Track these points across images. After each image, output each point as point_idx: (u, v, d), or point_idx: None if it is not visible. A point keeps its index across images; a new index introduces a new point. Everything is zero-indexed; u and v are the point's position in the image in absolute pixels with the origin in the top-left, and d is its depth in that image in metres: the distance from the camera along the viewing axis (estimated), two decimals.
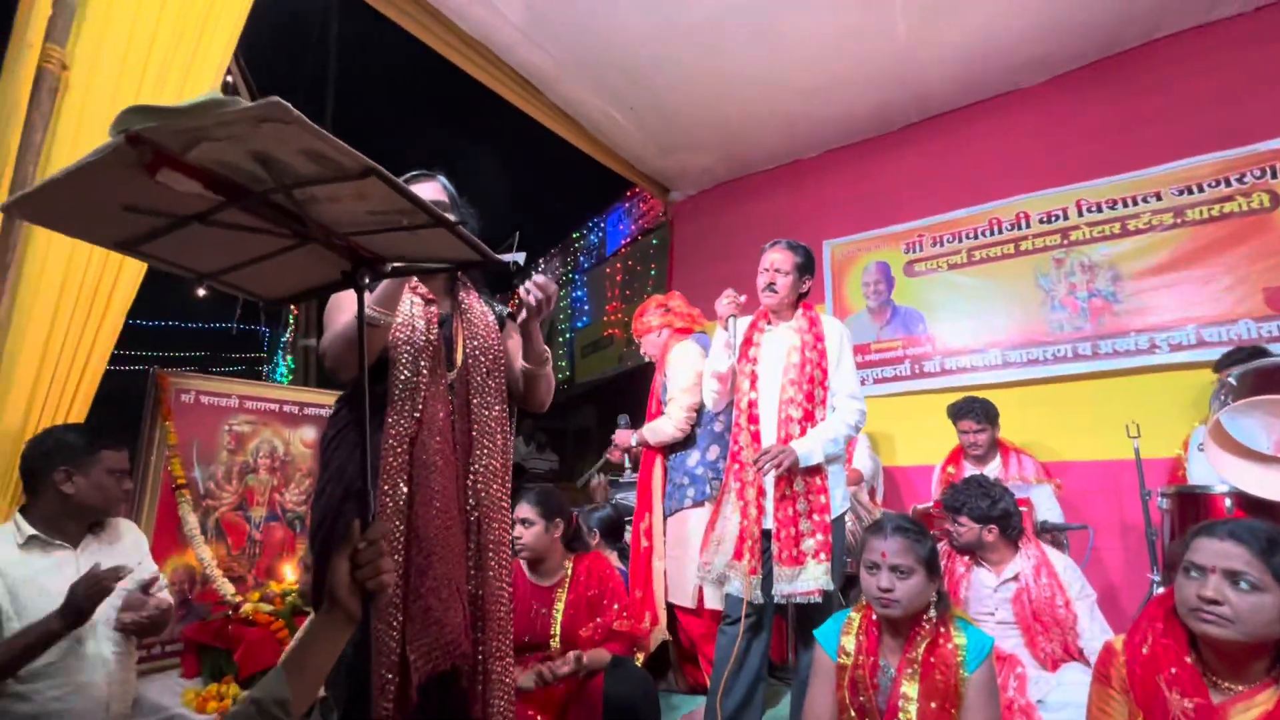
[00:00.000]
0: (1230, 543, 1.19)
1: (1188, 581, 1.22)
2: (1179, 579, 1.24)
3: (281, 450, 3.10)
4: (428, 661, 1.35)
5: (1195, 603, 1.19)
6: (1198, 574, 1.20)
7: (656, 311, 3.07)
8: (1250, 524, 1.22)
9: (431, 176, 1.61)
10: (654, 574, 2.78)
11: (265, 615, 2.43)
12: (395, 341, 1.44)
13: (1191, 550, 1.23)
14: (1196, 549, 1.23)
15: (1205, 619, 1.17)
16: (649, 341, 3.07)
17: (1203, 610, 1.17)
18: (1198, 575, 1.20)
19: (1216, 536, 1.21)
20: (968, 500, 2.22)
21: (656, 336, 3.04)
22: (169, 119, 0.70)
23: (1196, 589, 1.19)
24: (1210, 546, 1.21)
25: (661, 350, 3.01)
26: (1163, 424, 2.93)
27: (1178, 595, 1.23)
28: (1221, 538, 1.20)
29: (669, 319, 3.05)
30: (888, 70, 3.62)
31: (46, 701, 1.56)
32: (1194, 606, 1.19)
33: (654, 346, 3.06)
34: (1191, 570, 1.22)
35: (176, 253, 1.00)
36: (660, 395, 2.95)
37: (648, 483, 2.91)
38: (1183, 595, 1.22)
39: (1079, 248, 3.46)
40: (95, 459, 1.72)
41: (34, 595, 1.60)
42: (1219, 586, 1.16)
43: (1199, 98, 3.25)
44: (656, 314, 3.06)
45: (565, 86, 3.79)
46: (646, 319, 3.07)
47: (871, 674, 1.57)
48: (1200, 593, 1.18)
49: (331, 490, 1.40)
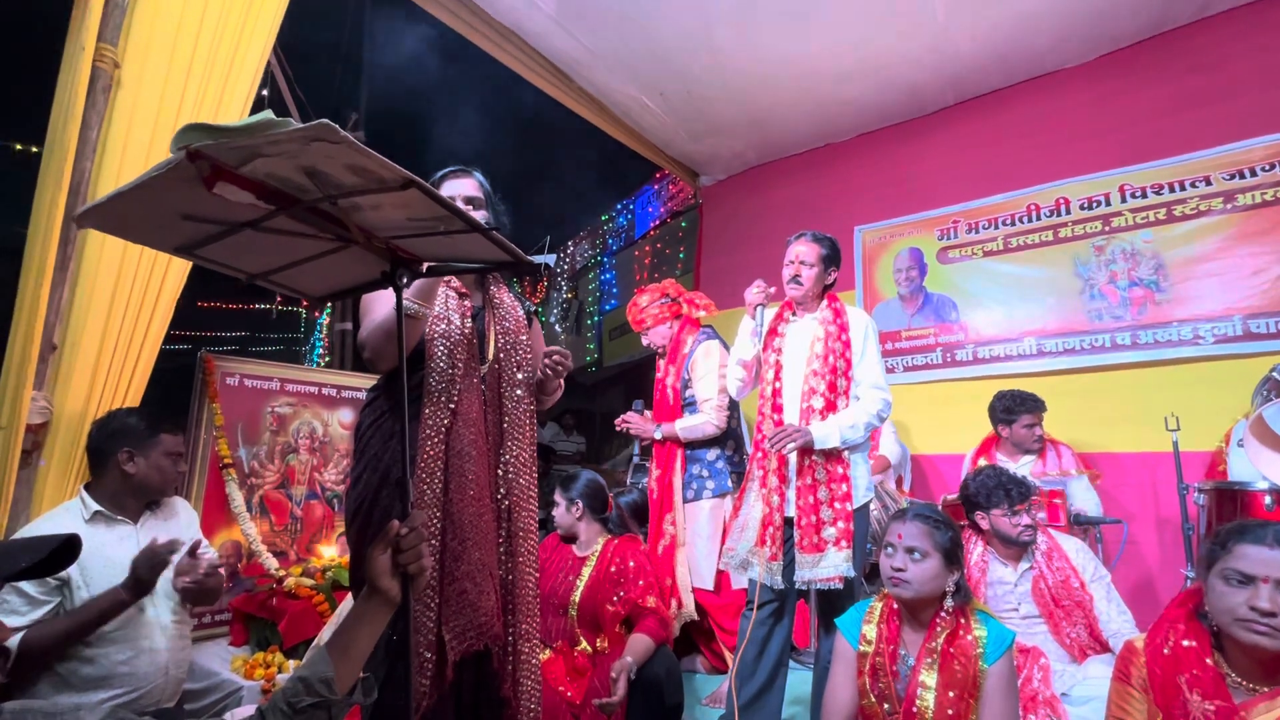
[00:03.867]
0: (1278, 550, 1.15)
1: (1232, 590, 1.17)
2: (1219, 585, 1.20)
3: (320, 431, 3.23)
4: (462, 642, 1.42)
5: (1247, 614, 1.14)
6: (1244, 583, 1.16)
7: (662, 302, 3.06)
8: None
9: (468, 173, 1.65)
10: (677, 562, 2.85)
11: (307, 589, 2.56)
12: (431, 335, 1.49)
13: (1235, 557, 1.18)
14: (1242, 556, 1.17)
15: (1259, 630, 1.12)
16: (659, 333, 3.07)
17: (1256, 623, 1.12)
18: (1244, 584, 1.16)
19: (1265, 544, 1.16)
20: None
21: (669, 328, 3.05)
22: (227, 137, 0.75)
23: (1247, 599, 1.14)
24: (1259, 555, 1.16)
25: (674, 342, 3.02)
26: (1204, 417, 2.86)
27: (1220, 603, 1.19)
28: (1271, 545, 1.16)
29: (678, 308, 3.06)
30: (923, 51, 3.53)
31: (113, 665, 1.68)
32: (1243, 617, 1.14)
33: (663, 337, 3.06)
34: (1235, 579, 1.17)
35: (227, 255, 1.06)
36: (676, 387, 2.97)
37: (669, 475, 2.94)
38: (1228, 604, 1.17)
39: (1121, 234, 3.36)
40: (155, 442, 1.83)
41: (100, 566, 1.72)
42: (1274, 597, 1.12)
43: (1252, 78, 3.10)
44: (663, 305, 3.05)
45: (596, 73, 3.79)
46: (653, 310, 3.07)
47: (891, 662, 1.60)
48: (1255, 604, 1.13)
49: (368, 478, 1.46)
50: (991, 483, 2.22)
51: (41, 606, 1.63)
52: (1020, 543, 2.18)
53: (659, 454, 3.01)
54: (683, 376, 2.95)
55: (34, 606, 1.62)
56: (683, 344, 2.99)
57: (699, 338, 2.97)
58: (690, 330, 3.02)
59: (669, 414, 2.99)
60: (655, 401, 3.10)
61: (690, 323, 3.05)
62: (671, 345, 3.03)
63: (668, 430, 2.92)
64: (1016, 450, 3.03)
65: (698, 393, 2.89)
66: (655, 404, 3.10)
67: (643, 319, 3.10)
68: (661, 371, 3.08)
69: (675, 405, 2.98)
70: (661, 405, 3.05)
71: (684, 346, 2.98)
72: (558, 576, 2.42)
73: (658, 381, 3.09)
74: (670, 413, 2.99)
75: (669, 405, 3.01)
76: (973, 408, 3.22)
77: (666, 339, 3.06)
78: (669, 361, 3.03)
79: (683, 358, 2.97)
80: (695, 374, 2.90)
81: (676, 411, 2.97)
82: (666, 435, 2.93)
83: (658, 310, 3.06)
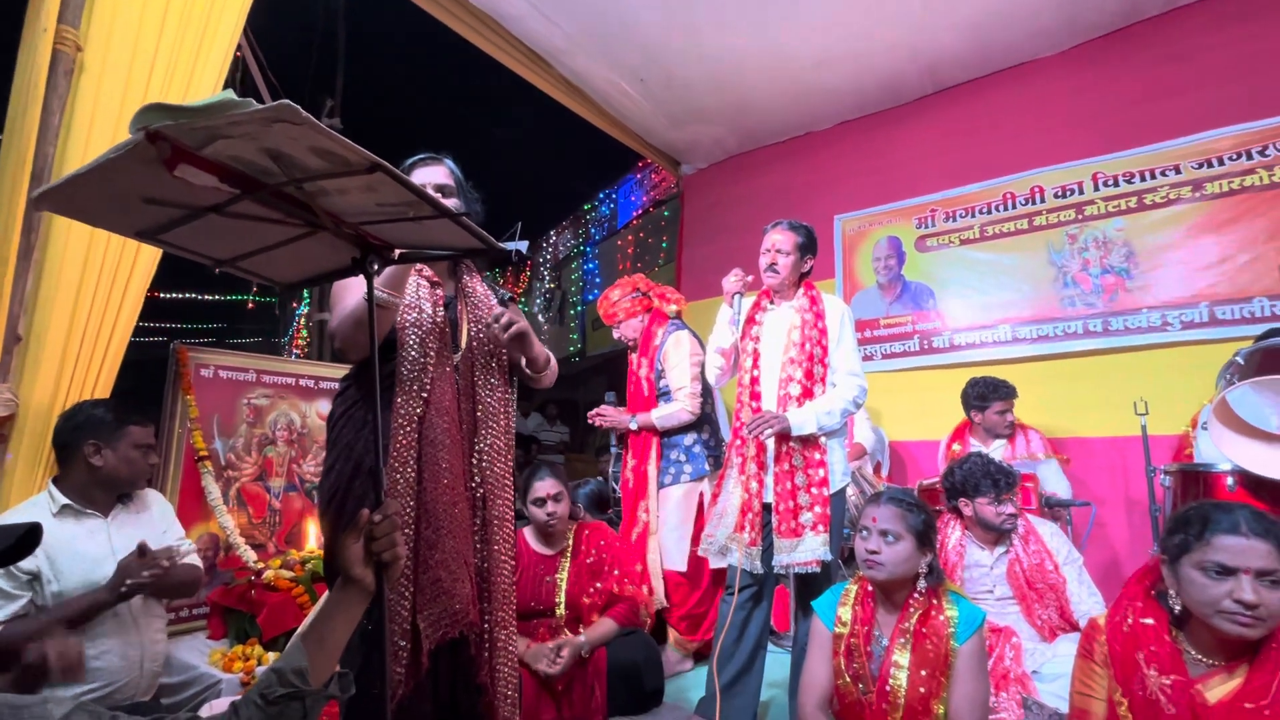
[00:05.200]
0: (1255, 539, 1.14)
1: (1213, 583, 1.15)
2: (1198, 577, 1.18)
3: (299, 423, 3.19)
4: (437, 629, 1.42)
5: (1231, 607, 1.13)
6: (1223, 574, 1.15)
7: (633, 296, 3.11)
8: (1259, 514, 1.18)
9: (439, 160, 1.63)
10: (649, 549, 2.91)
11: (286, 581, 2.54)
12: (403, 323, 1.48)
13: (1213, 550, 1.16)
14: (1220, 549, 1.16)
15: (1243, 623, 1.12)
16: (630, 326, 3.13)
17: (1240, 615, 1.12)
18: (1224, 576, 1.14)
19: (1241, 534, 1.15)
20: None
21: (640, 321, 3.11)
22: (185, 117, 0.74)
23: (1230, 592, 1.13)
24: (1236, 545, 1.15)
25: (644, 335, 3.07)
26: (1172, 402, 2.93)
27: (1201, 595, 1.17)
28: (1246, 535, 1.15)
29: (648, 302, 3.11)
30: (901, 40, 3.54)
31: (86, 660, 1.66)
32: (1227, 610, 1.13)
33: (635, 330, 3.13)
34: (1214, 570, 1.15)
35: (193, 241, 1.04)
36: (649, 378, 3.02)
37: (645, 464, 2.99)
38: (1209, 596, 1.15)
39: (1093, 223, 3.42)
40: (123, 433, 1.80)
41: (70, 560, 1.69)
42: (1257, 589, 1.11)
43: (1220, 69, 3.16)
44: (634, 299, 3.11)
45: (574, 59, 3.76)
46: (625, 304, 3.12)
47: (866, 643, 1.63)
48: (1239, 597, 1.12)
49: (341, 468, 1.46)
50: (979, 471, 2.26)
51: (14, 601, 1.60)
52: (1002, 530, 2.23)
53: (634, 444, 3.07)
54: (655, 367, 3.01)
55: (7, 600, 1.60)
56: (653, 336, 3.05)
57: (669, 329, 3.04)
58: (660, 323, 3.09)
59: (644, 405, 3.05)
60: (630, 393, 3.15)
61: (660, 316, 3.11)
62: (643, 338, 3.09)
63: (643, 420, 2.98)
64: (988, 436, 3.09)
65: (671, 382, 2.96)
66: (630, 396, 3.15)
67: (614, 313, 3.15)
68: (634, 364, 3.13)
69: (650, 396, 3.03)
70: (636, 397, 3.10)
71: (655, 338, 3.05)
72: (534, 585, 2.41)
73: (631, 374, 3.14)
74: (645, 403, 3.04)
75: (643, 396, 3.06)
76: (949, 394, 3.27)
77: (638, 332, 3.12)
78: (641, 354, 3.08)
79: (654, 349, 3.03)
80: (668, 364, 2.97)
81: (651, 402, 3.03)
82: (642, 425, 2.98)
83: (629, 304, 3.12)
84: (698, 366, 2.90)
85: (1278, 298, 2.95)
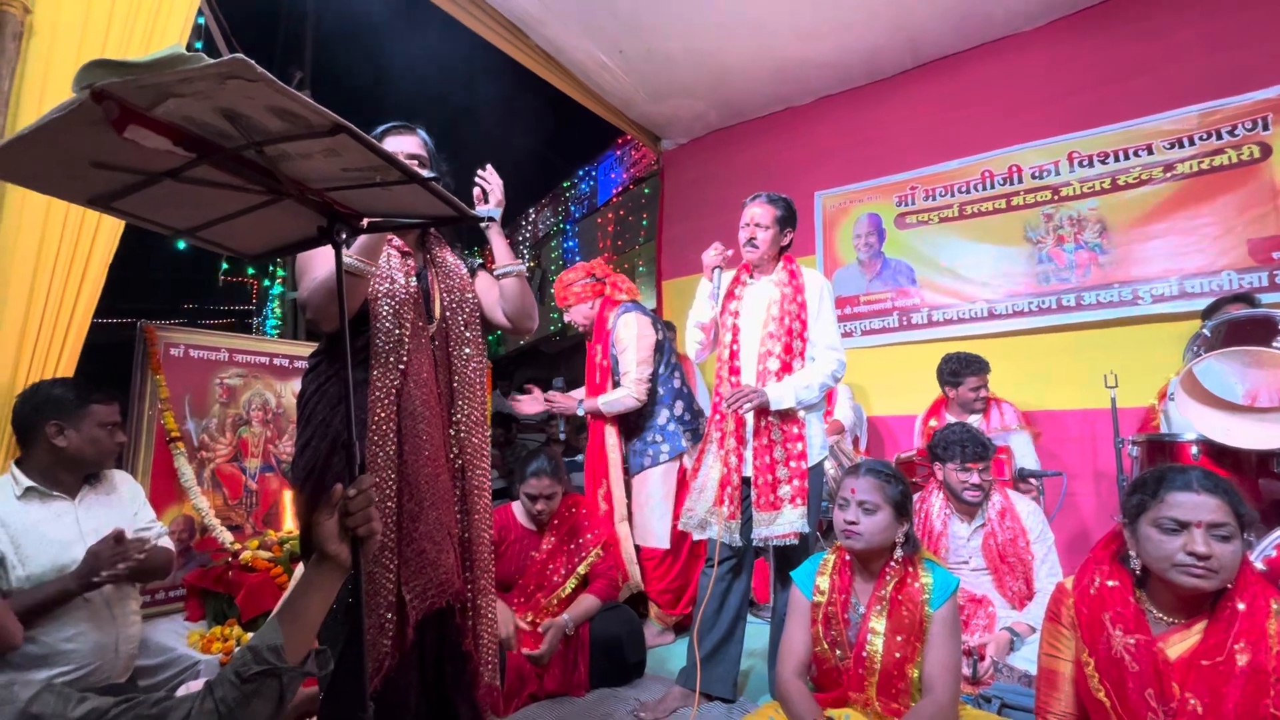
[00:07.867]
0: (1206, 495, 1.18)
1: (1167, 538, 1.19)
2: (1154, 534, 1.22)
3: (273, 403, 3.14)
4: (424, 600, 1.42)
5: (1184, 559, 1.16)
6: (1177, 529, 1.19)
7: (586, 281, 3.04)
8: (1210, 473, 1.23)
9: (410, 129, 1.59)
10: (619, 536, 2.86)
11: (264, 561, 2.51)
12: (376, 294, 1.45)
13: (1167, 506, 1.21)
14: (1174, 505, 1.20)
15: (1196, 574, 1.15)
16: (579, 311, 3.06)
17: (1193, 566, 1.15)
18: (1177, 531, 1.18)
19: (1193, 490, 1.19)
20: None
21: (589, 308, 3.04)
22: (131, 74, 0.70)
23: (1183, 544, 1.17)
24: (1189, 500, 1.19)
25: (597, 321, 3.01)
26: (1142, 374, 2.99)
27: (1157, 551, 1.21)
28: (1197, 491, 1.19)
29: (601, 288, 3.04)
30: (882, 13, 3.51)
31: (55, 643, 1.63)
32: (1180, 563, 1.17)
33: (585, 316, 3.05)
34: (1169, 525, 1.19)
35: (151, 209, 1.00)
36: (605, 364, 2.95)
37: (601, 450, 2.93)
38: (1165, 551, 1.19)
39: (1069, 203, 3.45)
40: (85, 412, 1.74)
41: (36, 543, 1.66)
42: (1208, 541, 1.15)
43: (1191, 46, 3.18)
44: (586, 284, 3.04)
45: (551, 29, 3.67)
46: (576, 289, 3.05)
47: (843, 610, 1.66)
48: (1191, 549, 1.16)
49: (317, 444, 1.43)
50: (952, 437, 2.30)
51: None
52: (964, 500, 2.26)
53: (591, 429, 3.02)
54: (610, 354, 2.93)
55: None
56: (605, 321, 2.97)
57: (620, 311, 2.94)
58: (611, 308, 3.00)
59: (599, 391, 2.97)
60: (587, 380, 3.07)
61: (610, 303, 3.02)
62: (596, 324, 3.01)
63: (590, 405, 2.90)
64: (963, 410, 3.13)
65: (621, 365, 2.88)
66: (587, 382, 3.07)
67: (565, 295, 3.07)
68: (589, 351, 3.06)
69: (603, 382, 2.97)
70: (591, 383, 3.03)
71: (607, 323, 2.96)
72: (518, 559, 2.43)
73: (588, 361, 3.07)
74: (600, 389, 2.97)
75: (596, 383, 3.00)
76: (928, 370, 3.30)
77: (587, 318, 3.05)
78: (595, 340, 3.01)
79: (607, 334, 2.95)
80: (618, 347, 2.89)
81: (604, 387, 2.96)
82: (589, 410, 2.91)
83: (580, 289, 3.03)
84: (648, 350, 2.83)
85: (1245, 270, 3.01)
